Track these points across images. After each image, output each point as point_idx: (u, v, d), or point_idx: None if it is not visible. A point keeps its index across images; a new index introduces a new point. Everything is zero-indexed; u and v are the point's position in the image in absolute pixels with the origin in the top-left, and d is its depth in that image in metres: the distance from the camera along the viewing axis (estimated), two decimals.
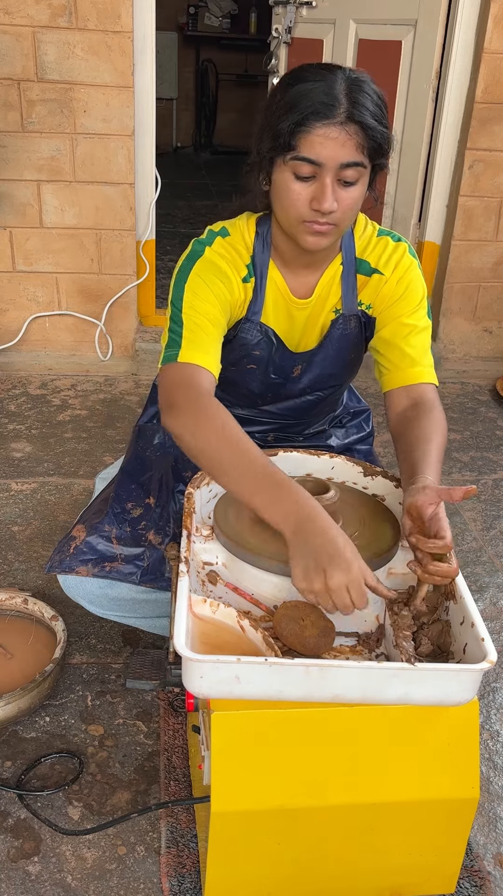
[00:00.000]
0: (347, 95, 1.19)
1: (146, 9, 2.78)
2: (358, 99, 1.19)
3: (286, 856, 1.13)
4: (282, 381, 1.51)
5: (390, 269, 1.43)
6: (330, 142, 1.19)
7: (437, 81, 3.01)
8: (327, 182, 1.22)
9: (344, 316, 1.46)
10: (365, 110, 1.19)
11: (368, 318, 1.47)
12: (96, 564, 1.48)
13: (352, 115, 1.19)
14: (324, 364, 1.50)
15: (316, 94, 1.18)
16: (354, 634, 1.17)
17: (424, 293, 1.45)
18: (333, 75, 1.21)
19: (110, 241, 3.00)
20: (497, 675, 1.73)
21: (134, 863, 1.29)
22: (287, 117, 1.19)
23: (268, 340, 1.45)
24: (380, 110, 1.22)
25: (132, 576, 1.48)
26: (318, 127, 1.18)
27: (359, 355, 1.54)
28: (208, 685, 1.01)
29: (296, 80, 1.22)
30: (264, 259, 1.41)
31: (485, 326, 3.37)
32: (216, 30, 7.57)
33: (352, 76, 1.22)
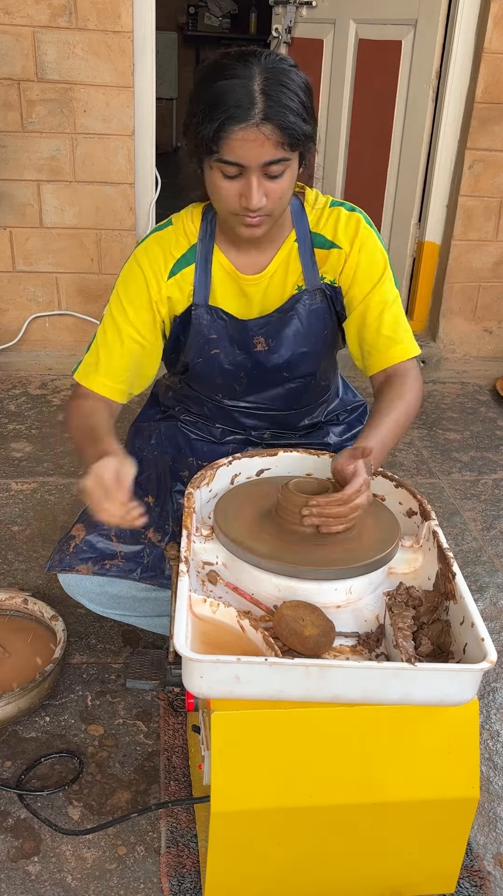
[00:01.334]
0: (263, 92, 1.19)
1: (146, 9, 2.78)
2: (274, 95, 1.19)
3: (286, 856, 1.13)
4: (247, 356, 1.51)
5: (348, 243, 1.43)
6: (249, 143, 1.21)
7: (437, 81, 3.01)
8: (252, 181, 1.25)
9: (308, 291, 1.47)
10: (281, 108, 1.19)
11: (334, 290, 1.48)
12: (96, 562, 1.48)
13: (268, 115, 1.19)
14: (295, 339, 1.50)
15: (232, 96, 1.18)
16: (354, 634, 1.17)
17: (386, 262, 1.46)
18: (249, 70, 1.20)
19: (110, 241, 3.00)
20: (497, 675, 1.73)
21: (134, 863, 1.29)
22: (206, 122, 1.20)
23: (220, 320, 1.48)
24: (299, 101, 1.22)
25: (132, 573, 1.48)
26: (236, 131, 1.19)
27: (332, 331, 1.54)
28: (208, 685, 1.01)
29: (214, 77, 1.21)
30: (208, 244, 1.44)
31: (485, 326, 3.37)
32: (216, 30, 7.57)
33: (269, 66, 1.20)
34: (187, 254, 1.44)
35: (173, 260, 1.44)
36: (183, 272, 1.44)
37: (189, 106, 1.26)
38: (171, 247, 1.44)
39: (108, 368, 1.44)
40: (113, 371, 1.45)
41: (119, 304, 1.45)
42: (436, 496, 2.41)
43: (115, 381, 1.45)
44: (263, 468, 1.48)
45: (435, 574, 1.25)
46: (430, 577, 1.26)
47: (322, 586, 1.19)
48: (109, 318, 1.46)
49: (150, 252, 1.44)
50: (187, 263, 1.44)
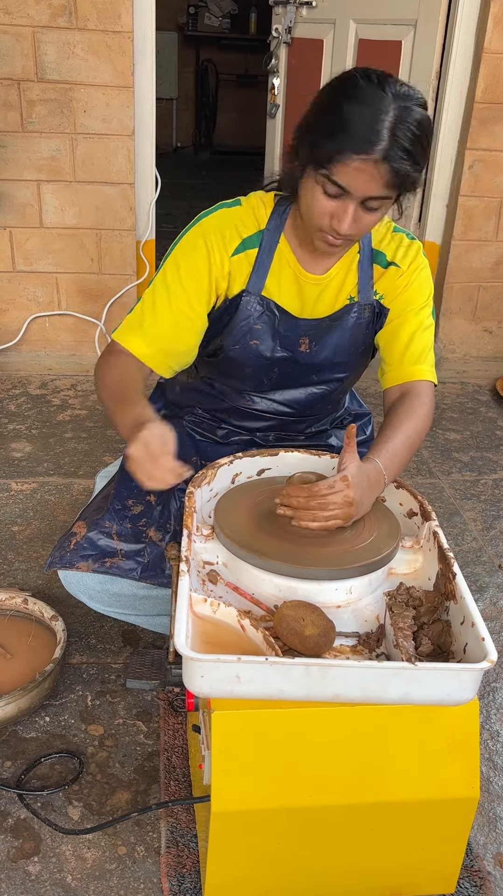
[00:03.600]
0: (390, 130, 1.19)
1: (146, 9, 2.78)
2: (400, 136, 1.19)
3: (286, 856, 1.13)
4: (288, 356, 1.51)
5: (406, 264, 1.47)
6: (362, 175, 1.22)
7: (437, 81, 3.01)
8: (350, 209, 1.27)
9: (359, 304, 1.49)
10: (401, 152, 1.20)
11: (382, 308, 1.50)
12: (97, 560, 1.48)
13: (388, 155, 1.19)
14: (336, 348, 1.51)
15: (360, 125, 1.18)
16: (355, 634, 1.17)
17: (431, 293, 1.50)
18: (383, 100, 1.19)
19: (110, 241, 3.00)
20: (497, 675, 1.73)
21: (134, 863, 1.29)
22: (327, 139, 1.21)
23: (271, 313, 1.47)
24: (419, 146, 1.22)
25: (132, 572, 1.48)
26: (354, 160, 1.20)
27: (368, 348, 1.56)
28: (209, 684, 1.01)
29: (347, 97, 1.21)
30: (275, 235, 1.43)
31: (485, 326, 3.37)
32: (216, 30, 7.57)
33: (401, 104, 1.20)
34: (254, 237, 1.43)
35: (239, 238, 1.42)
36: (247, 253, 1.43)
37: (312, 114, 1.27)
38: (240, 225, 1.42)
39: (152, 333, 1.41)
40: (156, 337, 1.41)
41: (176, 272, 1.41)
42: (436, 496, 2.41)
43: (156, 348, 1.41)
44: (264, 468, 1.48)
45: (435, 574, 1.25)
46: (431, 577, 1.26)
47: (322, 586, 1.19)
48: (162, 284, 1.41)
49: (219, 224, 1.42)
50: (252, 245, 1.43)
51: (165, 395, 1.75)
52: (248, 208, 1.44)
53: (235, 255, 1.42)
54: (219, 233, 1.41)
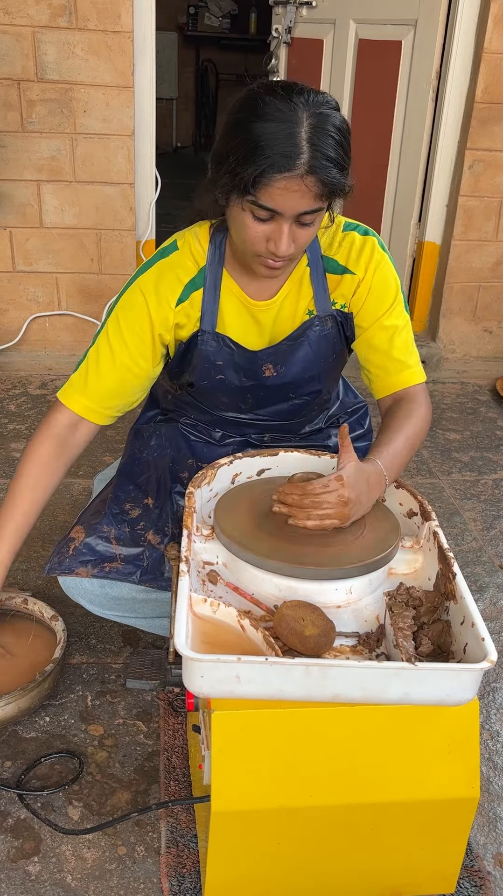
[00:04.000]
0: (309, 141, 1.15)
1: (146, 9, 2.78)
2: (320, 146, 1.16)
3: (286, 856, 1.13)
4: (256, 383, 1.50)
5: (362, 269, 1.42)
6: (289, 194, 1.18)
7: (437, 81, 3.01)
8: (284, 229, 1.23)
9: (319, 317, 1.45)
10: (326, 162, 1.16)
11: (345, 315, 1.47)
12: (96, 565, 1.48)
13: (312, 167, 1.16)
14: (305, 364, 1.49)
15: (277, 143, 1.14)
16: (355, 634, 1.17)
17: (398, 287, 1.45)
18: (295, 113, 1.15)
19: (110, 241, 3.00)
20: (497, 675, 1.73)
21: (134, 863, 1.29)
22: (246, 164, 1.16)
23: (228, 348, 1.45)
24: (342, 151, 1.19)
25: (132, 576, 1.48)
26: (278, 179, 1.16)
27: (340, 355, 1.54)
28: (209, 684, 1.01)
29: (258, 116, 1.16)
30: (217, 269, 1.40)
31: (485, 326, 3.37)
32: (216, 30, 7.57)
33: (315, 111, 1.16)
34: (196, 277, 1.40)
35: (181, 286, 1.39)
36: (191, 297, 1.40)
37: (224, 138, 1.22)
38: (180, 272, 1.39)
39: (96, 391, 1.41)
40: (100, 394, 1.42)
41: (117, 329, 1.40)
42: (436, 496, 2.41)
43: (100, 405, 1.42)
44: (264, 468, 1.48)
45: (435, 574, 1.25)
46: (431, 577, 1.26)
47: (322, 586, 1.19)
48: (105, 342, 1.41)
49: (157, 280, 1.39)
50: (195, 287, 1.40)
51: (159, 404, 1.74)
52: (185, 249, 1.41)
53: (180, 304, 1.40)
54: (156, 288, 1.38)
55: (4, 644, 1.61)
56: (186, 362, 1.47)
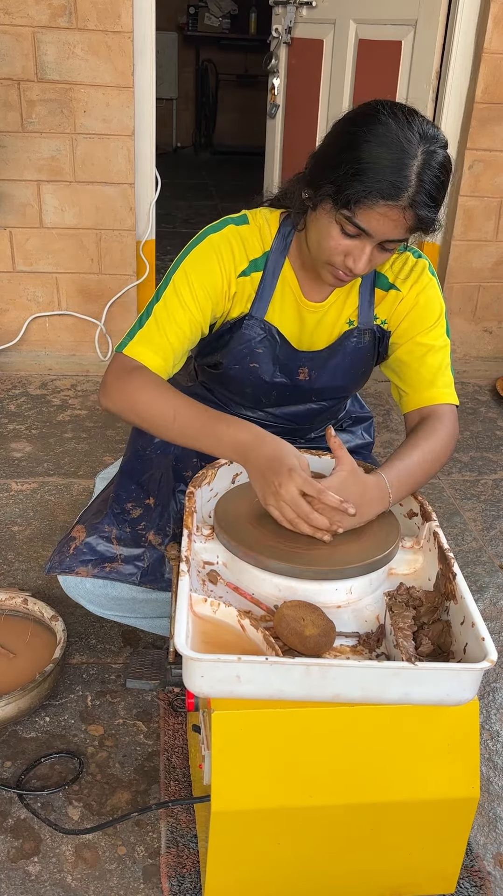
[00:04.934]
0: (418, 176, 1.16)
1: (146, 9, 2.78)
2: (427, 183, 1.17)
3: (286, 856, 1.13)
4: (287, 382, 1.50)
5: (408, 287, 1.43)
6: (386, 220, 1.19)
7: (437, 81, 3.01)
8: (367, 249, 1.24)
9: (359, 329, 1.46)
10: (428, 199, 1.18)
11: (383, 332, 1.47)
12: (96, 565, 1.48)
13: (414, 202, 1.17)
14: (335, 373, 1.49)
15: (388, 170, 1.15)
16: (355, 634, 1.17)
17: (442, 311, 1.44)
18: (410, 144, 1.16)
19: (110, 241, 3.00)
20: (497, 675, 1.73)
21: (134, 863, 1.29)
22: (353, 181, 1.16)
23: (272, 339, 1.44)
24: (443, 192, 1.20)
25: (132, 576, 1.48)
26: (381, 205, 1.17)
27: (368, 369, 1.54)
28: (209, 684, 1.01)
29: (376, 137, 1.16)
30: (280, 259, 1.40)
31: (485, 326, 3.37)
32: (216, 30, 7.57)
33: (429, 148, 1.17)
34: (259, 259, 1.39)
35: (247, 261, 1.39)
36: (252, 276, 1.40)
37: (336, 147, 1.21)
38: (248, 246, 1.38)
39: (165, 346, 1.36)
40: (169, 350, 1.37)
41: (187, 284, 1.36)
42: (436, 496, 2.41)
43: (166, 360, 1.37)
44: None
45: (435, 574, 1.25)
46: (431, 577, 1.26)
47: (322, 586, 1.19)
48: (173, 296, 1.36)
49: (229, 243, 1.38)
50: (257, 269, 1.40)
51: None
52: (255, 228, 1.40)
53: (241, 276, 1.39)
54: (230, 252, 1.37)
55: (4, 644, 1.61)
56: (223, 343, 1.46)
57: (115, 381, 1.35)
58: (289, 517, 1.21)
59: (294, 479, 1.20)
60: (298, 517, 1.20)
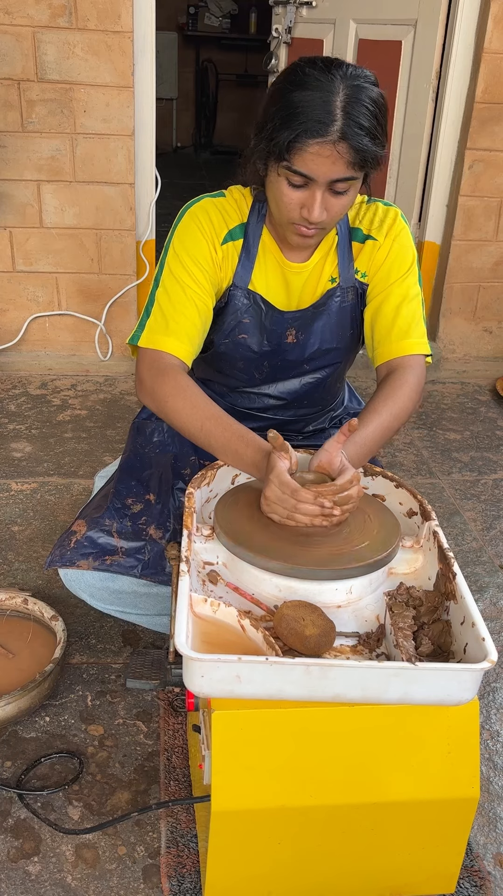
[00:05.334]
0: (343, 109, 1.19)
1: (146, 9, 2.78)
2: (353, 114, 1.20)
3: (286, 856, 1.13)
4: (276, 349, 1.51)
5: (383, 234, 1.45)
6: (322, 159, 1.21)
7: (437, 81, 3.01)
8: (317, 195, 1.26)
9: (341, 287, 1.48)
10: (359, 129, 1.20)
11: (364, 287, 1.49)
12: (97, 558, 1.48)
13: (345, 134, 1.19)
14: (323, 334, 1.51)
15: (312, 109, 1.19)
16: (355, 634, 1.17)
17: (414, 258, 1.47)
18: (332, 83, 1.20)
19: (110, 241, 3.00)
20: (497, 675, 1.73)
21: (134, 863, 1.29)
22: (282, 129, 1.21)
23: (257, 306, 1.47)
24: (375, 122, 1.22)
25: (133, 569, 1.48)
26: (311, 144, 1.20)
27: (356, 330, 1.55)
28: (209, 684, 1.01)
29: (296, 85, 1.22)
30: (258, 227, 1.43)
31: (485, 326, 3.37)
32: (216, 30, 7.57)
33: (351, 83, 1.21)
34: (237, 228, 1.43)
35: (226, 228, 1.42)
36: (234, 243, 1.43)
37: (265, 107, 1.27)
38: (226, 215, 1.43)
39: (179, 329, 1.37)
40: (185, 331, 1.38)
41: (179, 263, 1.39)
42: (436, 496, 2.41)
43: (187, 342, 1.38)
44: None
45: (435, 574, 1.25)
46: (431, 577, 1.26)
47: (322, 586, 1.19)
48: (170, 278, 1.39)
49: (207, 213, 1.42)
50: (235, 238, 1.43)
51: None
52: (232, 200, 1.45)
53: (224, 243, 1.42)
54: (208, 221, 1.41)
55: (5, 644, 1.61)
56: (213, 319, 1.48)
57: (149, 380, 1.38)
58: (282, 515, 1.24)
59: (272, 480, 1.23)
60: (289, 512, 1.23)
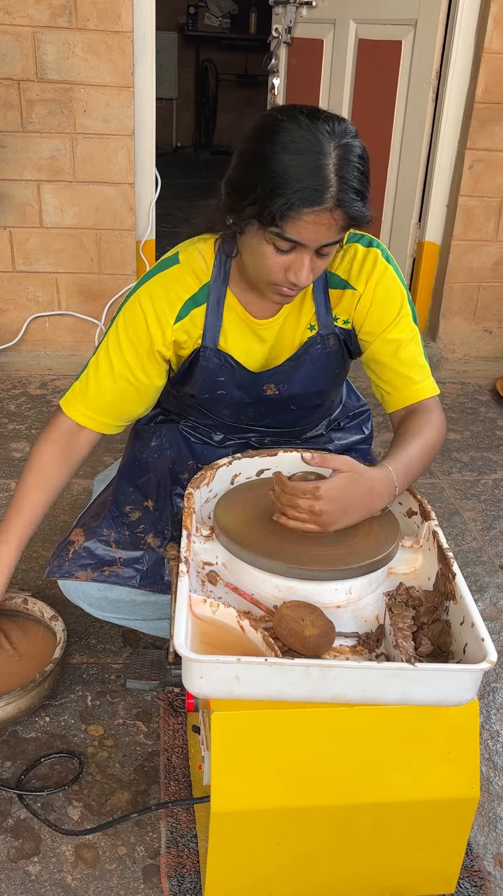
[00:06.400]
0: (337, 174, 1.13)
1: (146, 9, 2.78)
2: (347, 178, 1.14)
3: (286, 856, 1.13)
4: (255, 401, 1.49)
5: (362, 283, 1.38)
6: (317, 227, 1.16)
7: (437, 81, 3.01)
8: (305, 260, 1.21)
9: (321, 335, 1.43)
10: (354, 195, 1.15)
11: (347, 332, 1.44)
12: (95, 569, 1.48)
13: (340, 201, 1.14)
14: (305, 381, 1.47)
15: (306, 175, 1.12)
16: (354, 635, 1.17)
17: (404, 299, 1.41)
18: (320, 143, 1.13)
19: (110, 241, 3.00)
20: (497, 675, 1.73)
21: (134, 863, 1.29)
22: (273, 196, 1.13)
23: (229, 366, 1.43)
24: (366, 183, 1.18)
25: (131, 580, 1.48)
26: (307, 213, 1.14)
27: (343, 368, 1.52)
28: (208, 685, 1.01)
29: (283, 147, 1.13)
30: (221, 287, 1.38)
31: (485, 326, 3.37)
32: (216, 30, 7.57)
33: (340, 142, 1.14)
34: (198, 294, 1.37)
35: (181, 302, 1.36)
36: (192, 314, 1.37)
37: (245, 167, 1.19)
38: (179, 289, 1.36)
39: (95, 403, 1.40)
40: (99, 406, 1.41)
41: (117, 342, 1.38)
42: (436, 496, 2.41)
43: (101, 415, 1.41)
44: (263, 468, 1.48)
45: (435, 574, 1.25)
46: (430, 577, 1.26)
47: (322, 586, 1.19)
48: (104, 353, 1.39)
49: (154, 296, 1.36)
50: (196, 304, 1.37)
51: (160, 404, 1.71)
52: (187, 265, 1.37)
53: (178, 321, 1.36)
54: (156, 303, 1.35)
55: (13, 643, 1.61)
56: (188, 375, 1.45)
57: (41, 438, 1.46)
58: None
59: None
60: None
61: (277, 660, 1.00)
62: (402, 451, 1.32)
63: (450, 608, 1.16)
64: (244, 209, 1.19)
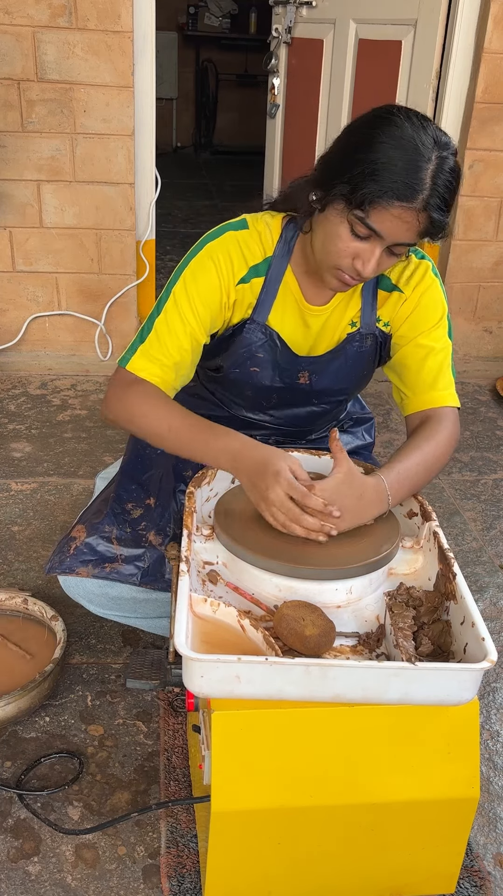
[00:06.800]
0: (432, 179, 1.16)
1: (146, 9, 2.78)
2: (440, 186, 1.17)
3: (286, 856, 1.13)
4: (287, 386, 1.49)
5: (410, 288, 1.42)
6: (400, 223, 1.18)
7: (437, 81, 3.01)
8: (377, 252, 1.23)
9: (361, 333, 1.45)
10: (441, 202, 1.18)
11: (385, 336, 1.46)
12: (96, 565, 1.48)
13: (428, 204, 1.17)
14: (336, 376, 1.49)
15: (405, 171, 1.15)
16: (355, 634, 1.17)
17: (444, 312, 1.43)
18: (426, 147, 1.16)
19: (110, 241, 3.00)
20: (497, 675, 1.73)
21: (134, 863, 1.29)
22: (369, 181, 1.16)
23: (272, 343, 1.43)
24: (452, 196, 1.20)
25: (132, 577, 1.48)
26: (396, 206, 1.16)
27: (370, 372, 1.54)
28: (209, 684, 1.01)
29: (391, 138, 1.16)
30: (282, 263, 1.39)
31: (485, 326, 3.37)
32: (216, 30, 7.57)
33: (441, 153, 1.17)
34: (260, 265, 1.38)
35: (246, 267, 1.37)
36: (253, 282, 1.38)
37: (349, 148, 1.21)
38: (247, 252, 1.37)
39: (169, 360, 1.36)
40: (173, 363, 1.36)
41: (186, 297, 1.35)
42: (436, 496, 2.41)
43: (167, 374, 1.37)
44: None
45: (435, 574, 1.25)
46: (431, 577, 1.26)
47: (322, 586, 1.19)
48: (174, 310, 1.35)
49: (227, 250, 1.36)
50: (258, 274, 1.38)
51: None
52: (255, 233, 1.38)
53: (240, 284, 1.37)
54: (228, 260, 1.36)
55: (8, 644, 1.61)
56: (224, 347, 1.45)
57: (115, 394, 1.37)
58: (280, 521, 1.22)
59: (280, 482, 1.21)
60: (289, 520, 1.21)
61: (278, 659, 1.00)
62: (400, 463, 1.31)
63: (451, 608, 1.16)
64: (335, 186, 1.21)
